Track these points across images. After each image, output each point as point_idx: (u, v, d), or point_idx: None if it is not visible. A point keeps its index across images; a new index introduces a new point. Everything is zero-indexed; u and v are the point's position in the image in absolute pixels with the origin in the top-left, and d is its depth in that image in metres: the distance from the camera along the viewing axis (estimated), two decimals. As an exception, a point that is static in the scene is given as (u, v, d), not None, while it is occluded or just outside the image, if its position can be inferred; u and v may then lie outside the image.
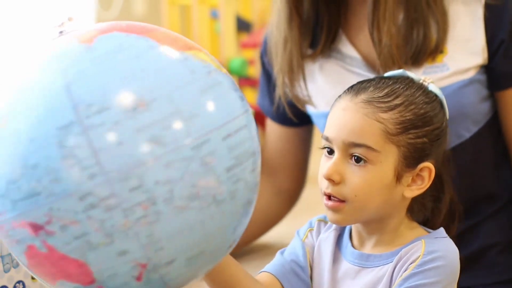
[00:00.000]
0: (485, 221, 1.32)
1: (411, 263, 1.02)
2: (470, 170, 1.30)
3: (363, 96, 1.06)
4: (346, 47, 1.32)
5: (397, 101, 1.05)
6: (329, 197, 1.06)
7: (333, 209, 1.05)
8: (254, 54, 3.36)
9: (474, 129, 1.28)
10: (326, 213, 1.08)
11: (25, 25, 3.14)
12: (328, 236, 1.13)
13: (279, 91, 1.37)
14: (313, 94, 1.35)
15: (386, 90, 1.06)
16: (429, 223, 1.13)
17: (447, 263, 1.02)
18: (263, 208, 1.37)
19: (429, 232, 1.09)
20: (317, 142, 1.45)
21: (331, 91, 1.31)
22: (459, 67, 1.27)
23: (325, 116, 1.32)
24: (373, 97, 1.05)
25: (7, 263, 1.14)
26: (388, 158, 1.04)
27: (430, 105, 1.08)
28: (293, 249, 1.14)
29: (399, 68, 1.22)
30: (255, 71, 3.26)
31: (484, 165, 1.32)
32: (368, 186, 1.04)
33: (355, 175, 1.04)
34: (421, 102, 1.07)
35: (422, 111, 1.06)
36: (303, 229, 1.16)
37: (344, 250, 1.11)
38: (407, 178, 1.06)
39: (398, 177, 1.05)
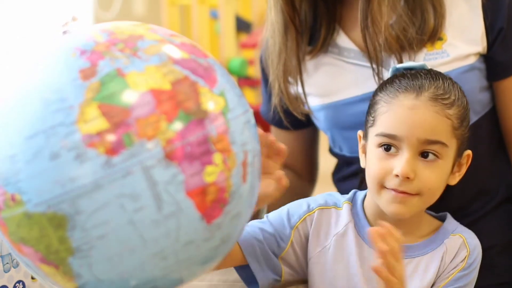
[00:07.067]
0: (481, 220, 1.31)
1: (460, 261, 1.13)
2: None
3: (427, 94, 1.11)
4: (343, 41, 1.32)
5: (453, 97, 1.12)
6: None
7: (403, 202, 1.09)
8: (253, 54, 3.36)
9: (474, 118, 1.29)
10: (387, 207, 1.10)
11: (25, 25, 3.14)
12: (345, 230, 1.16)
13: (274, 100, 1.36)
14: (309, 90, 1.34)
15: (442, 87, 1.12)
16: None
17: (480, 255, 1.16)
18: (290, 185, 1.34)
19: (439, 219, 1.18)
20: (324, 142, 1.44)
21: (329, 83, 1.31)
22: (458, 53, 1.27)
23: (325, 107, 1.31)
24: (437, 95, 1.11)
25: (7, 263, 1.15)
26: (452, 152, 1.12)
27: (465, 97, 1.15)
28: (275, 234, 1.16)
29: (398, 56, 1.23)
30: (254, 71, 3.26)
31: (481, 157, 1.31)
32: (440, 179, 1.11)
33: (427, 170, 1.10)
34: (462, 95, 1.14)
35: (465, 103, 1.14)
36: (299, 212, 1.17)
37: (366, 237, 1.13)
38: (454, 167, 1.15)
39: (453, 168, 1.14)
